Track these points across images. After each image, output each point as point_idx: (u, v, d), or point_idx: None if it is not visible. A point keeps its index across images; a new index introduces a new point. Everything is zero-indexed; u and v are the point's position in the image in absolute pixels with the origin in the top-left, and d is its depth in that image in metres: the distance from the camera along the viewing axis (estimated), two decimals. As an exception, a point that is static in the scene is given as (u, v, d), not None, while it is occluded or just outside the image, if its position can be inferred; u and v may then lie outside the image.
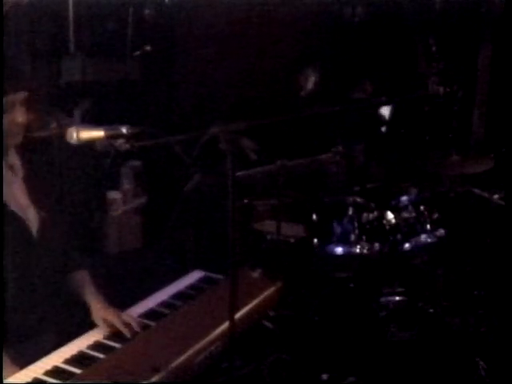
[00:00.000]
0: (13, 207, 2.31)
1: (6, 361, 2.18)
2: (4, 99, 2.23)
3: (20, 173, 2.40)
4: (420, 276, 3.64)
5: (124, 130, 2.00)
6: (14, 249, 2.27)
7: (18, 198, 2.36)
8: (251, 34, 5.03)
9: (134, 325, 2.40)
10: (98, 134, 2.01)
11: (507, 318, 2.40)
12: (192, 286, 2.79)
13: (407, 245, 3.53)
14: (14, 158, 2.38)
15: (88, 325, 2.45)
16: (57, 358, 2.24)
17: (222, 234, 2.04)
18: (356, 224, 3.50)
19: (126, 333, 2.36)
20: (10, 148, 2.34)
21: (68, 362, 2.22)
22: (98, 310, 2.45)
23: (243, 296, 2.32)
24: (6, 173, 2.34)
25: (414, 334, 3.27)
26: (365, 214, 3.54)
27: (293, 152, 3.45)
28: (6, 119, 2.25)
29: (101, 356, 2.25)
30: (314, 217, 3.59)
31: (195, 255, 4.13)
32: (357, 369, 3.06)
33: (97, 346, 2.31)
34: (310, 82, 4.42)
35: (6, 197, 2.29)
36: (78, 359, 2.23)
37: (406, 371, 3.06)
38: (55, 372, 2.15)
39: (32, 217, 2.39)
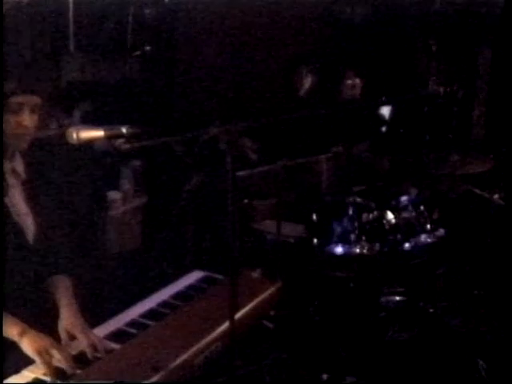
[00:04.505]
0: (11, 213, 2.29)
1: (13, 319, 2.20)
2: (13, 100, 2.21)
3: (21, 178, 2.37)
4: (420, 276, 3.64)
5: (124, 130, 2.00)
6: (9, 255, 2.25)
7: (17, 204, 2.34)
8: (251, 34, 5.03)
9: (100, 347, 2.26)
10: (97, 133, 2.00)
11: (507, 318, 2.40)
12: (192, 286, 2.79)
13: (407, 245, 3.53)
14: (18, 163, 2.36)
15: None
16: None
17: (222, 234, 2.05)
18: (356, 224, 3.50)
19: (89, 354, 2.23)
20: (15, 152, 2.33)
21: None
22: (66, 321, 2.33)
23: (243, 296, 2.32)
24: (10, 177, 2.32)
25: (413, 334, 3.27)
26: (365, 214, 3.54)
27: (293, 152, 3.46)
28: (12, 120, 2.23)
29: (101, 356, 2.25)
30: (314, 217, 3.59)
31: (195, 255, 4.13)
32: (357, 369, 3.06)
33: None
34: (308, 82, 4.42)
35: (6, 202, 2.27)
36: (78, 359, 2.23)
37: (406, 371, 3.06)
38: (55, 372, 2.15)
39: (29, 223, 2.37)
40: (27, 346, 2.17)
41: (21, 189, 2.37)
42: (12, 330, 2.20)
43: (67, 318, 2.34)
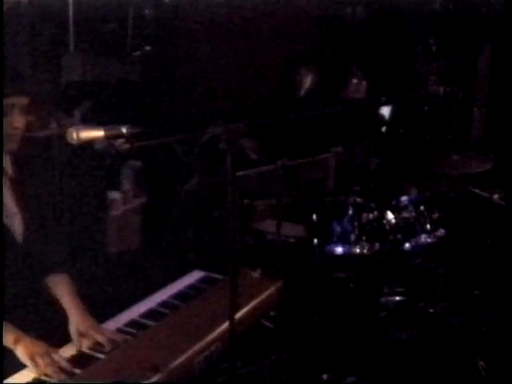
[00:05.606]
0: None
1: (8, 326, 2.20)
2: (4, 101, 2.22)
3: (10, 177, 2.37)
4: (420, 276, 3.64)
5: (124, 130, 2.00)
6: None
7: (6, 204, 2.33)
8: (251, 34, 5.03)
9: (118, 338, 2.31)
10: (97, 133, 2.00)
11: (507, 318, 2.40)
12: (192, 286, 2.79)
13: (407, 245, 3.53)
14: (6, 162, 2.35)
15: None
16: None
17: (222, 234, 2.04)
18: (356, 224, 3.50)
19: (108, 345, 2.27)
20: (4, 152, 2.33)
21: (68, 361, 2.22)
22: (77, 322, 2.35)
23: (243, 296, 2.32)
24: None
25: (413, 334, 3.27)
26: (365, 214, 3.54)
27: (293, 152, 3.45)
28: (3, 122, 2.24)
29: (101, 356, 2.25)
30: (314, 217, 3.59)
31: (195, 255, 4.13)
32: (357, 369, 3.06)
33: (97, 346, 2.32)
34: (307, 82, 4.41)
35: None
36: (78, 359, 2.23)
37: (406, 371, 3.06)
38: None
39: (18, 224, 2.37)
40: (21, 352, 2.18)
41: (9, 188, 2.36)
42: (7, 338, 2.21)
43: (78, 320, 2.36)
